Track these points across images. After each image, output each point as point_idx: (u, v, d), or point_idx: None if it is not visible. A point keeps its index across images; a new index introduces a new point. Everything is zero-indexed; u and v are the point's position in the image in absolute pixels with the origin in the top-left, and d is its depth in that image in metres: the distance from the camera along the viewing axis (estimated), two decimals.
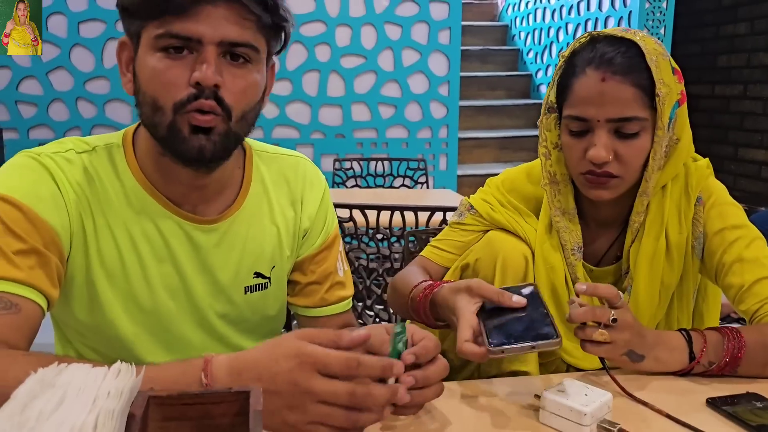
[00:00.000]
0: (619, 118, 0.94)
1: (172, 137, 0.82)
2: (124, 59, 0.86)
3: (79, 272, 0.88)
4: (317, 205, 1.04)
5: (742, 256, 0.98)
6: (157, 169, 0.90)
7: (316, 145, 3.94)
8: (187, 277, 0.93)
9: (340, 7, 3.84)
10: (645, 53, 0.94)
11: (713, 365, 0.90)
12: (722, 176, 4.83)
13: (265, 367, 0.68)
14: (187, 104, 0.80)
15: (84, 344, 0.94)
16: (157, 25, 0.79)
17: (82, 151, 0.89)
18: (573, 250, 1.06)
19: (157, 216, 0.90)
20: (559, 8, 4.84)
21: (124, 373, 0.55)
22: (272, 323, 1.06)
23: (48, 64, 3.63)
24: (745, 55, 4.63)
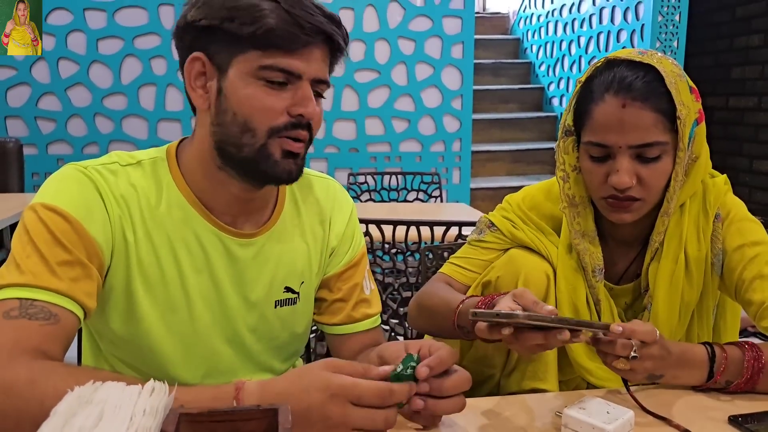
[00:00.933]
0: (641, 144, 0.94)
1: (261, 158, 0.88)
2: (195, 75, 0.89)
3: (118, 283, 0.90)
4: (345, 224, 1.07)
5: (762, 273, 0.98)
6: (207, 182, 0.93)
7: (330, 159, 3.96)
8: (223, 289, 0.95)
9: (354, 22, 3.88)
10: (664, 76, 0.94)
11: (731, 384, 0.90)
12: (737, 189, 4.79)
13: (296, 398, 0.71)
14: (283, 131, 0.87)
15: (114, 355, 0.96)
16: (262, 56, 0.84)
17: (127, 164, 0.92)
18: (594, 272, 1.06)
19: (198, 227, 0.93)
20: (571, 21, 4.85)
21: (158, 391, 0.57)
22: (299, 342, 1.08)
23: (67, 80, 3.68)
24: (760, 67, 4.62)
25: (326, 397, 0.70)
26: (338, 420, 0.70)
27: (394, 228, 2.04)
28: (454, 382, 0.79)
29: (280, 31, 0.83)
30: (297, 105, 0.87)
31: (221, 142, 0.89)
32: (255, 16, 0.83)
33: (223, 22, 0.84)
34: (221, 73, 0.87)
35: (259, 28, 0.83)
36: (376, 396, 0.71)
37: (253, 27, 0.83)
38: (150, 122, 3.74)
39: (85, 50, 3.67)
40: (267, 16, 0.83)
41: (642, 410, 0.86)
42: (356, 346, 1.07)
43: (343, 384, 0.71)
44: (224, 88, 0.87)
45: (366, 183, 3.53)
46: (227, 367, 0.98)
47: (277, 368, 1.04)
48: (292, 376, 0.75)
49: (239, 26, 0.83)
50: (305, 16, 0.84)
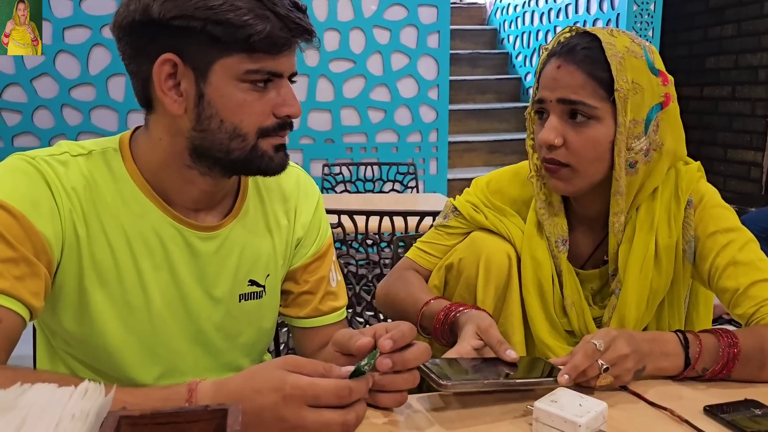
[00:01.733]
0: (567, 99, 0.96)
1: (255, 158, 0.86)
2: (164, 77, 0.82)
3: (69, 280, 0.85)
4: (311, 214, 1.04)
5: (736, 259, 0.96)
6: (170, 178, 0.88)
7: (306, 150, 3.91)
8: (184, 285, 0.91)
9: (328, 11, 3.82)
10: (605, 48, 0.95)
11: (707, 371, 0.88)
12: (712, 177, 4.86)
13: (249, 399, 0.67)
14: (272, 131, 0.86)
15: (70, 354, 0.91)
16: (247, 60, 0.81)
17: (78, 155, 0.87)
18: (557, 242, 1.06)
19: (156, 221, 0.88)
20: (548, 11, 4.84)
21: (91, 392, 0.52)
22: (266, 338, 1.04)
23: (32, 71, 3.58)
24: (733, 57, 4.65)
25: (280, 397, 0.66)
26: (293, 422, 0.66)
27: (367, 219, 2.00)
28: (415, 354, 0.78)
29: (270, 37, 0.80)
30: (282, 105, 0.85)
31: (203, 147, 0.85)
32: (243, 21, 0.78)
33: (206, 25, 0.78)
34: (199, 76, 0.82)
35: (248, 34, 0.78)
36: (334, 395, 0.68)
37: (242, 33, 0.78)
38: (120, 113, 3.66)
39: (51, 40, 3.56)
40: (256, 20, 0.79)
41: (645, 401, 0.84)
42: (322, 340, 1.03)
43: (298, 384, 0.67)
44: (207, 94, 0.82)
45: (342, 174, 3.49)
46: (189, 366, 0.94)
47: (245, 366, 0.99)
48: (246, 374, 0.71)
49: (225, 30, 0.78)
50: (290, 16, 0.81)
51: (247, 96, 0.83)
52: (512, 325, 1.07)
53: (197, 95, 0.82)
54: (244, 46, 0.80)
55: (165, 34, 0.80)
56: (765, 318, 0.92)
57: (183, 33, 0.79)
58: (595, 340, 0.84)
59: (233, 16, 0.78)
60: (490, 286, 1.06)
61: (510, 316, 1.06)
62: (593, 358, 0.83)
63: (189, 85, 0.82)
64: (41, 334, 0.95)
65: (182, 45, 0.80)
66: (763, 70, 4.43)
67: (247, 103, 0.83)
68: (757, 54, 4.47)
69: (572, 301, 1.06)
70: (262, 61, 0.82)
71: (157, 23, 0.79)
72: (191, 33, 0.79)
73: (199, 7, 0.78)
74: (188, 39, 0.80)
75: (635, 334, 0.90)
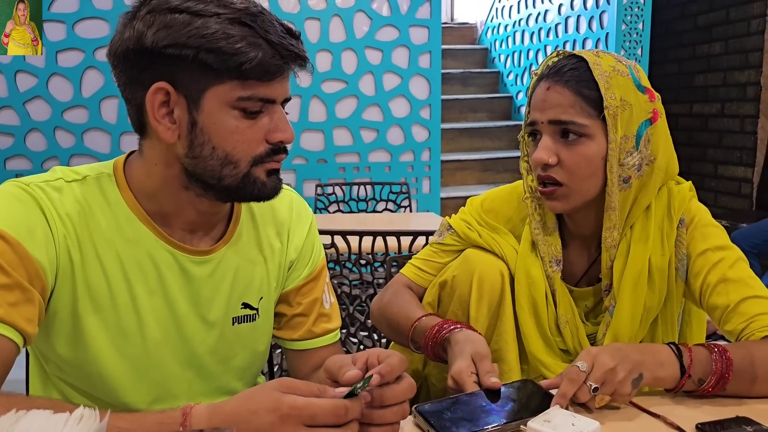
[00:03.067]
0: (558, 120, 0.98)
1: (247, 184, 0.86)
2: (158, 105, 0.82)
3: (63, 306, 0.85)
4: (304, 237, 1.04)
5: (726, 277, 0.97)
6: (167, 202, 0.89)
7: (298, 170, 3.92)
8: (178, 310, 0.91)
9: (320, 32, 3.85)
10: (592, 67, 0.98)
11: (703, 383, 0.88)
12: (703, 194, 4.90)
13: (245, 420, 0.67)
14: (265, 158, 0.86)
15: (63, 380, 0.91)
16: (240, 87, 0.81)
17: (72, 180, 0.87)
18: (551, 263, 1.08)
19: (150, 246, 0.89)
20: (538, 31, 4.90)
21: (86, 419, 0.52)
22: (260, 361, 1.04)
23: (25, 93, 3.59)
24: (722, 74, 4.71)
25: (276, 418, 0.67)
26: None
27: (360, 239, 2.01)
28: (395, 392, 0.76)
29: (262, 65, 0.80)
30: (275, 131, 0.86)
31: (197, 173, 0.85)
32: (236, 49, 0.78)
33: (198, 53, 0.79)
34: (192, 103, 0.82)
35: (241, 62, 0.79)
36: (331, 414, 0.68)
37: (234, 61, 0.79)
38: (113, 136, 3.66)
39: (44, 63, 3.58)
40: (248, 48, 0.79)
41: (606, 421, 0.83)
42: (316, 362, 1.03)
43: (295, 404, 0.68)
44: (199, 121, 0.82)
45: (335, 194, 3.50)
46: (183, 390, 0.94)
47: (238, 390, 0.99)
48: (241, 397, 0.71)
49: (217, 58, 0.79)
50: (282, 43, 0.81)
51: (240, 123, 0.83)
52: (506, 342, 1.07)
53: (190, 122, 0.83)
54: (236, 73, 0.80)
55: (158, 63, 0.81)
56: (754, 333, 0.93)
57: (176, 61, 0.80)
58: (577, 362, 0.84)
59: (225, 44, 0.78)
60: (483, 303, 1.07)
61: (503, 334, 1.07)
62: (579, 381, 0.83)
63: (182, 113, 0.83)
64: (35, 360, 0.95)
65: (175, 73, 0.81)
66: (751, 87, 4.48)
67: (239, 130, 0.83)
68: (745, 71, 4.53)
69: (566, 319, 1.07)
70: (254, 88, 0.82)
71: (150, 51, 0.80)
72: (184, 61, 0.79)
73: (192, 35, 0.78)
74: (181, 67, 0.80)
75: (622, 345, 0.90)
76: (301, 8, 3.81)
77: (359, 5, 3.88)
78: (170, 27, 0.79)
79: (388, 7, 3.93)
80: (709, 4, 4.81)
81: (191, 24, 0.78)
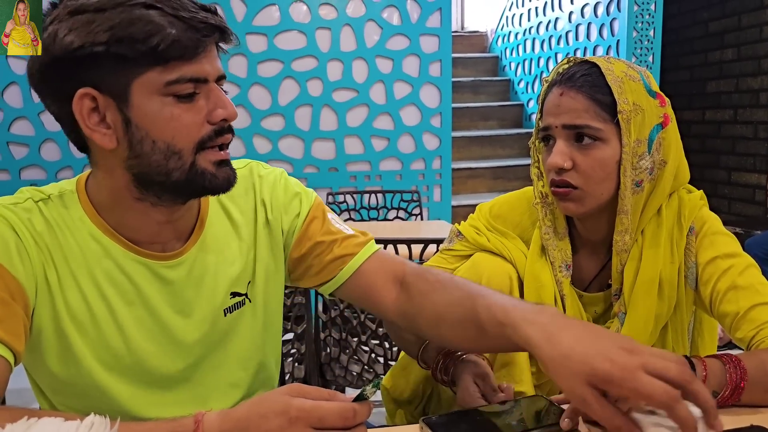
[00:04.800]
0: (572, 125, 0.99)
1: (195, 176, 0.82)
2: (87, 113, 0.79)
3: (47, 325, 0.84)
4: (281, 194, 1.01)
5: (736, 284, 0.97)
6: (125, 215, 0.87)
7: (310, 179, 3.93)
8: (162, 316, 0.90)
9: (331, 42, 3.87)
10: (605, 73, 0.99)
11: (717, 395, 0.87)
12: (717, 201, 4.86)
13: (255, 425, 0.68)
14: (208, 142, 0.82)
15: (62, 403, 0.90)
16: (164, 72, 0.77)
17: (39, 200, 0.86)
18: (561, 268, 1.08)
19: (119, 258, 0.87)
20: (548, 39, 4.89)
21: (97, 426, 0.52)
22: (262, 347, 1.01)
23: (40, 104, 3.59)
24: (734, 81, 4.68)
25: (285, 420, 0.67)
26: None
27: None
28: None
29: (179, 41, 0.76)
30: (215, 110, 0.82)
31: (143, 174, 0.82)
32: (146, 32, 0.75)
33: (110, 46, 0.75)
34: (120, 102, 0.79)
35: (155, 44, 0.75)
36: (339, 416, 0.68)
37: (148, 44, 0.75)
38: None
39: None
40: (159, 28, 0.75)
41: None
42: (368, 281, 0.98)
43: (303, 407, 0.68)
44: (133, 118, 0.79)
45: (346, 202, 3.50)
46: (187, 390, 0.93)
47: (243, 380, 0.99)
48: (251, 402, 0.71)
49: (130, 46, 0.75)
50: (195, 17, 0.78)
51: (174, 109, 0.79)
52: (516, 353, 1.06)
53: (124, 122, 0.79)
54: (153, 58, 0.76)
55: (74, 69, 0.77)
56: (765, 341, 0.92)
57: (90, 62, 0.76)
58: None
59: (134, 30, 0.75)
60: None
61: None
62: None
63: (113, 114, 0.79)
64: (32, 383, 0.93)
65: (93, 75, 0.77)
66: (764, 93, 4.45)
67: (175, 116, 0.79)
68: (758, 77, 4.50)
69: None
70: (179, 69, 0.78)
71: (62, 59, 0.77)
72: (98, 59, 0.76)
73: (98, 31, 0.75)
74: (97, 67, 0.77)
75: None
76: (312, 18, 3.83)
77: (370, 14, 3.90)
78: (74, 29, 0.76)
79: (399, 16, 3.95)
80: (720, 11, 4.79)
81: (95, 20, 0.75)
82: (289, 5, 3.80)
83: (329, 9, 3.86)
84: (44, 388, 0.91)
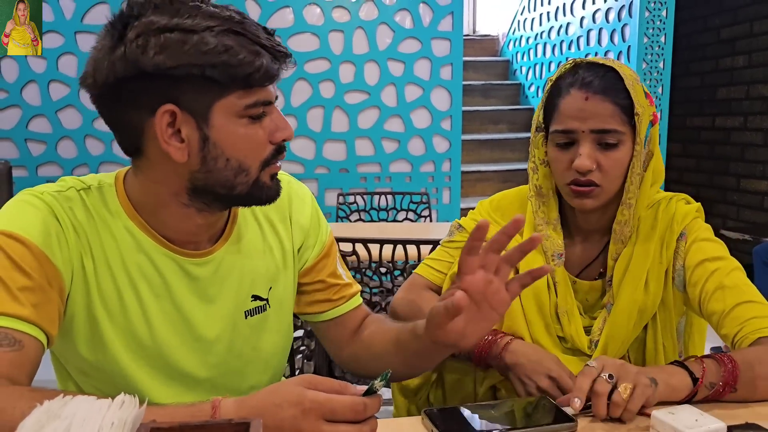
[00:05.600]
0: (600, 129, 1.04)
1: (255, 190, 0.88)
2: (165, 127, 0.82)
3: (80, 310, 0.88)
4: (308, 218, 1.07)
5: (723, 284, 1.03)
6: (166, 214, 0.90)
7: (321, 179, 3.98)
8: (187, 311, 0.94)
9: (343, 44, 3.92)
10: (623, 77, 1.05)
11: (714, 387, 0.90)
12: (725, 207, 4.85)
13: (270, 413, 0.71)
14: (271, 160, 0.89)
15: (87, 383, 0.94)
16: (244, 95, 0.83)
17: (80, 189, 0.90)
18: (553, 257, 1.14)
19: (151, 252, 0.91)
20: (560, 44, 4.92)
21: (127, 404, 0.57)
22: (281, 352, 1.07)
23: (57, 102, 3.70)
24: (744, 87, 4.68)
25: (299, 412, 0.71)
26: None
27: (381, 247, 2.04)
28: None
29: (267, 70, 0.82)
30: (276, 131, 0.88)
31: (206, 186, 0.87)
32: (239, 59, 0.80)
33: (204, 70, 0.79)
34: (200, 120, 0.83)
35: (248, 72, 0.81)
36: (350, 410, 0.72)
37: (241, 71, 0.80)
38: None
39: (76, 73, 3.68)
40: (251, 57, 0.81)
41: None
42: (349, 326, 1.09)
43: (317, 399, 0.71)
44: (211, 136, 0.83)
45: (356, 203, 3.54)
46: (205, 387, 0.97)
47: (263, 383, 1.02)
48: (267, 391, 0.75)
49: (223, 72, 0.80)
50: (274, 46, 0.84)
51: (248, 130, 0.85)
52: (518, 326, 1.13)
53: (201, 139, 0.83)
54: (242, 83, 0.82)
55: (160, 85, 0.80)
56: (747, 337, 0.96)
57: (180, 81, 0.80)
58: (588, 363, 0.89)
59: (228, 57, 0.79)
60: None
61: (515, 318, 1.12)
62: (593, 374, 0.86)
63: (190, 131, 0.83)
64: (57, 367, 0.97)
65: (178, 93, 0.81)
66: None
67: (249, 136, 0.85)
68: None
69: (565, 309, 1.12)
70: (257, 94, 0.84)
71: (152, 76, 0.79)
72: (188, 80, 0.80)
73: (193, 53, 0.78)
74: (184, 86, 0.80)
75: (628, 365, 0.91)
76: (325, 20, 3.88)
77: (382, 18, 3.94)
78: (167, 48, 0.78)
79: (411, 19, 3.99)
80: (732, 18, 4.79)
81: (187, 41, 0.78)
82: (302, 7, 3.85)
83: (342, 12, 3.91)
84: (72, 371, 0.95)
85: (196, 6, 0.81)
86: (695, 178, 5.14)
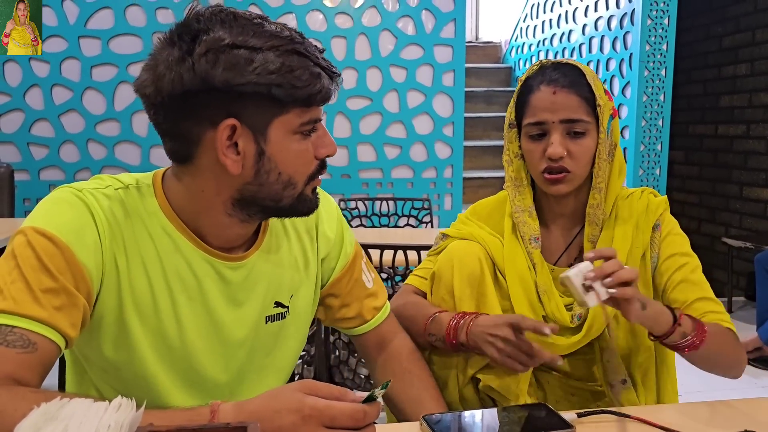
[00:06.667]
0: (569, 119, 1.14)
1: (299, 203, 0.92)
2: (224, 140, 0.84)
3: (109, 311, 0.88)
4: (333, 229, 1.09)
5: (688, 278, 1.16)
6: (207, 220, 0.91)
7: (322, 185, 3.93)
8: (216, 315, 0.94)
9: (346, 50, 3.93)
10: (585, 73, 1.17)
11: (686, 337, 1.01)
12: (728, 215, 4.85)
13: (269, 419, 0.71)
14: (316, 174, 0.92)
15: (105, 382, 0.94)
16: (302, 113, 0.86)
17: (118, 188, 0.91)
18: (530, 241, 1.23)
19: (189, 254, 0.92)
20: (562, 51, 4.92)
21: (124, 407, 0.57)
22: (294, 358, 1.07)
23: (60, 106, 3.71)
24: (747, 96, 4.68)
25: (298, 418, 0.71)
26: None
27: (382, 252, 2.04)
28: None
29: (328, 91, 0.86)
30: (321, 147, 0.91)
31: (254, 197, 0.89)
32: (305, 81, 0.83)
33: (270, 89, 0.81)
34: (258, 134, 0.85)
35: (312, 92, 0.84)
36: (350, 417, 0.72)
37: (306, 92, 0.83)
38: (143, 148, 3.77)
39: (79, 77, 3.70)
40: (315, 78, 0.84)
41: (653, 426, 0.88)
42: (378, 339, 1.13)
43: (316, 406, 0.71)
44: (267, 151, 0.86)
45: (357, 209, 3.54)
46: (224, 391, 0.97)
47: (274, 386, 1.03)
48: (266, 396, 0.75)
49: (289, 92, 0.82)
50: (329, 68, 0.87)
51: (300, 146, 0.88)
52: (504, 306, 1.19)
53: (257, 153, 0.85)
54: (302, 102, 0.85)
55: (225, 100, 0.82)
56: None
57: (243, 97, 0.82)
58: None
59: (292, 77, 0.82)
60: (464, 284, 1.18)
61: (490, 310, 1.17)
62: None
63: (247, 144, 0.85)
64: (74, 363, 0.98)
65: (241, 108, 0.83)
66: None
67: (300, 152, 0.88)
68: None
69: (544, 289, 1.20)
70: (312, 112, 0.87)
71: (216, 90, 0.81)
72: (252, 97, 0.82)
73: (260, 72, 0.80)
74: (248, 102, 0.82)
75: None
76: (328, 26, 3.90)
77: (385, 24, 3.96)
78: (236, 65, 0.80)
79: (414, 26, 4.00)
80: (735, 26, 4.80)
81: (254, 60, 0.80)
82: (305, 14, 3.86)
83: (345, 18, 3.92)
84: (90, 368, 0.94)
85: (259, 24, 0.84)
86: (698, 185, 5.13)
